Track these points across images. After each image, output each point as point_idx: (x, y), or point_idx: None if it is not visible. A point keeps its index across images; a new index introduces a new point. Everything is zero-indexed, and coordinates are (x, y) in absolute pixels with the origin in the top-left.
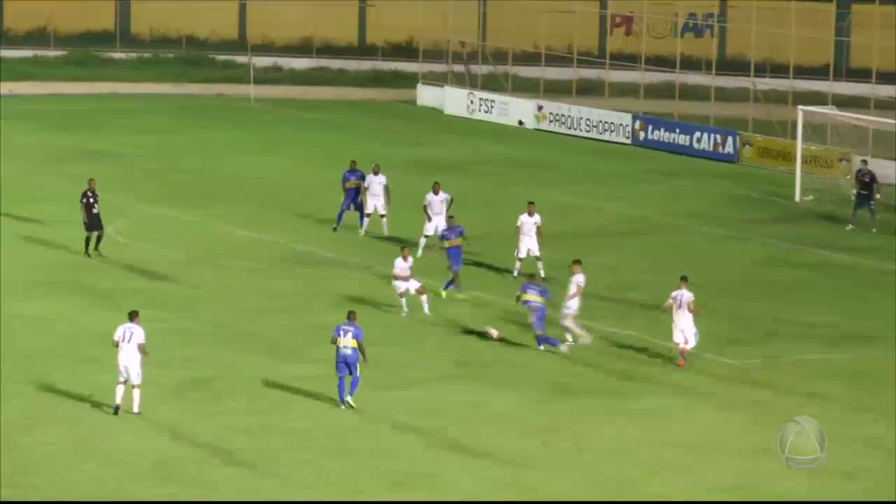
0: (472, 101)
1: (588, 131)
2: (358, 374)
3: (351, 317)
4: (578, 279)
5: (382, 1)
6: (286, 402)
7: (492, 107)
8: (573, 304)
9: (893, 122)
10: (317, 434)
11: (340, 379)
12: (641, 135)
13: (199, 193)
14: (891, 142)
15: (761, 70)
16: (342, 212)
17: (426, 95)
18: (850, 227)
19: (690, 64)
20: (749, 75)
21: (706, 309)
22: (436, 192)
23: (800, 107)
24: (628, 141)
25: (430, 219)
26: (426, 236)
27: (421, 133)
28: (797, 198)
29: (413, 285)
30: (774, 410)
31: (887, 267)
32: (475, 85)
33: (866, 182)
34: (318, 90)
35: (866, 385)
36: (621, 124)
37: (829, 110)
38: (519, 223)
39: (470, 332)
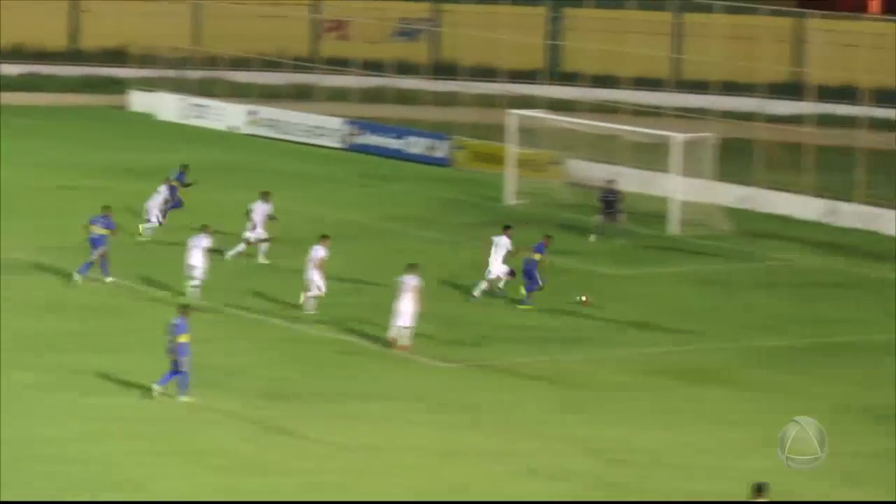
0: (185, 107)
1: (301, 136)
2: (185, 369)
3: (184, 312)
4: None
5: (95, 6)
6: None
7: (205, 112)
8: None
9: (604, 124)
10: (10, 442)
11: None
12: (353, 139)
13: None
14: (601, 144)
15: (475, 74)
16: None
17: (139, 101)
18: (592, 237)
19: (404, 68)
20: (463, 79)
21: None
22: (265, 201)
23: (511, 110)
24: (341, 145)
25: (255, 226)
26: (247, 241)
27: (132, 139)
28: (508, 201)
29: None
30: (484, 412)
31: (601, 270)
32: (188, 90)
33: (610, 201)
34: (30, 96)
35: (571, 386)
36: (334, 129)
37: (540, 114)
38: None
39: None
